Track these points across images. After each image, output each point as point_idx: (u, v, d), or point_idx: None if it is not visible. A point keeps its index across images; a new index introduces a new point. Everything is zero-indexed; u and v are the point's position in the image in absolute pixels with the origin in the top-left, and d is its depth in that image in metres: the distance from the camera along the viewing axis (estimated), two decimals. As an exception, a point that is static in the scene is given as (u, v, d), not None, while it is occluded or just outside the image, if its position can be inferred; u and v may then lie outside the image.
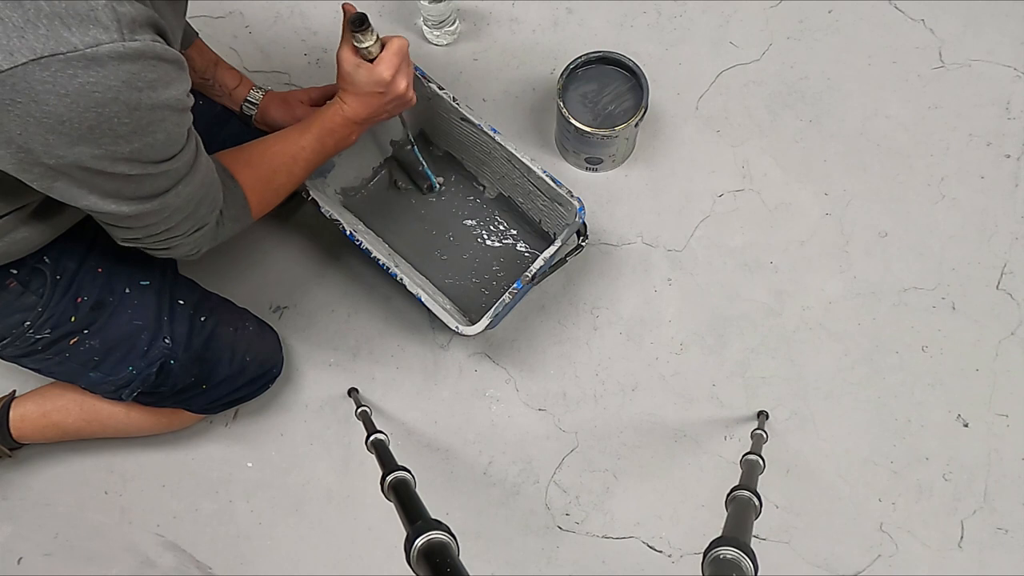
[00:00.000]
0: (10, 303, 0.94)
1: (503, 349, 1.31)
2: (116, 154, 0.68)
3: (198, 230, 0.87)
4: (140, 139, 0.68)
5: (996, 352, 1.29)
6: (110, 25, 0.61)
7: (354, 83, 0.99)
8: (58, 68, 0.60)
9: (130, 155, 0.69)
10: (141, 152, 0.70)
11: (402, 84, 1.00)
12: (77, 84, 0.61)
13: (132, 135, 0.67)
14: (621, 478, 1.27)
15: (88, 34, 0.60)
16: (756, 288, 1.32)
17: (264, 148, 1.00)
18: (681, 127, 1.39)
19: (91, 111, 0.63)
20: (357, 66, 0.98)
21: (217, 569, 1.26)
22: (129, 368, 1.04)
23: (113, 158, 0.68)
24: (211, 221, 0.89)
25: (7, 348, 0.98)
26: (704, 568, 0.68)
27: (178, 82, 0.70)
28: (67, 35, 0.59)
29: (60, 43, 0.59)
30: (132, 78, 0.63)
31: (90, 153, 0.66)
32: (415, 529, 0.67)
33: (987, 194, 1.35)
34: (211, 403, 1.18)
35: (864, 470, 1.25)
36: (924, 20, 1.42)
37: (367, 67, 0.98)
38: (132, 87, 0.64)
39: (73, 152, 0.65)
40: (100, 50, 0.61)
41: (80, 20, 0.60)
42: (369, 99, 1.01)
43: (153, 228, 0.82)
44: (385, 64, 0.98)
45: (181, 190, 0.79)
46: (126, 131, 0.66)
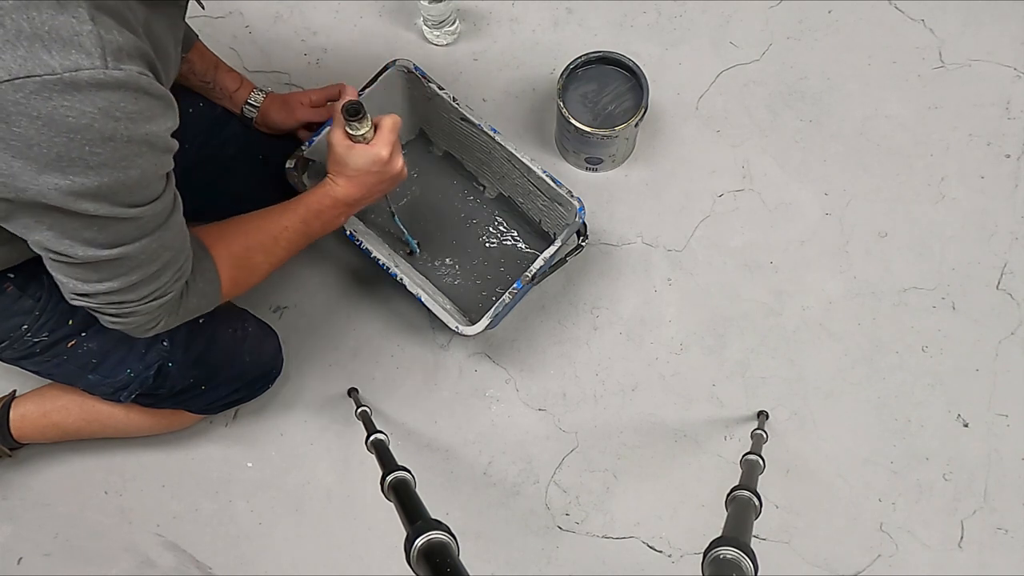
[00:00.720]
0: (7, 307, 0.94)
1: (503, 349, 1.31)
2: (83, 188, 0.63)
3: (156, 299, 0.79)
4: (111, 174, 0.64)
5: (996, 352, 1.29)
6: (93, 51, 0.59)
7: (348, 164, 0.95)
8: (32, 90, 0.57)
9: (98, 191, 0.64)
10: (111, 189, 0.65)
11: (399, 162, 0.98)
12: (50, 107, 0.58)
13: (103, 167, 0.63)
14: (621, 478, 1.27)
15: (69, 58, 0.58)
16: (756, 288, 1.32)
17: (243, 224, 0.95)
18: (681, 127, 1.39)
19: (61, 135, 0.60)
20: (351, 148, 0.94)
21: (217, 569, 1.26)
22: (127, 370, 1.04)
23: (79, 192, 0.64)
24: (174, 291, 0.81)
25: (6, 351, 0.98)
26: (704, 568, 0.68)
27: (161, 119, 0.67)
28: (46, 57, 0.57)
29: (38, 65, 0.57)
30: (110, 106, 0.61)
31: (55, 184, 0.62)
32: (415, 529, 0.67)
33: (987, 194, 1.35)
34: (211, 404, 1.18)
35: (864, 470, 1.25)
36: (924, 20, 1.43)
37: (362, 148, 0.94)
38: (109, 116, 0.61)
39: (38, 181, 0.62)
40: (79, 75, 0.58)
41: (62, 44, 0.58)
42: (364, 179, 0.97)
43: (106, 284, 0.74)
44: (382, 143, 0.95)
45: (146, 245, 0.73)
46: (97, 162, 0.63)
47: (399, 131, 0.97)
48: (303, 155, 1.15)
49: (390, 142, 0.95)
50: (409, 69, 1.18)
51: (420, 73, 1.18)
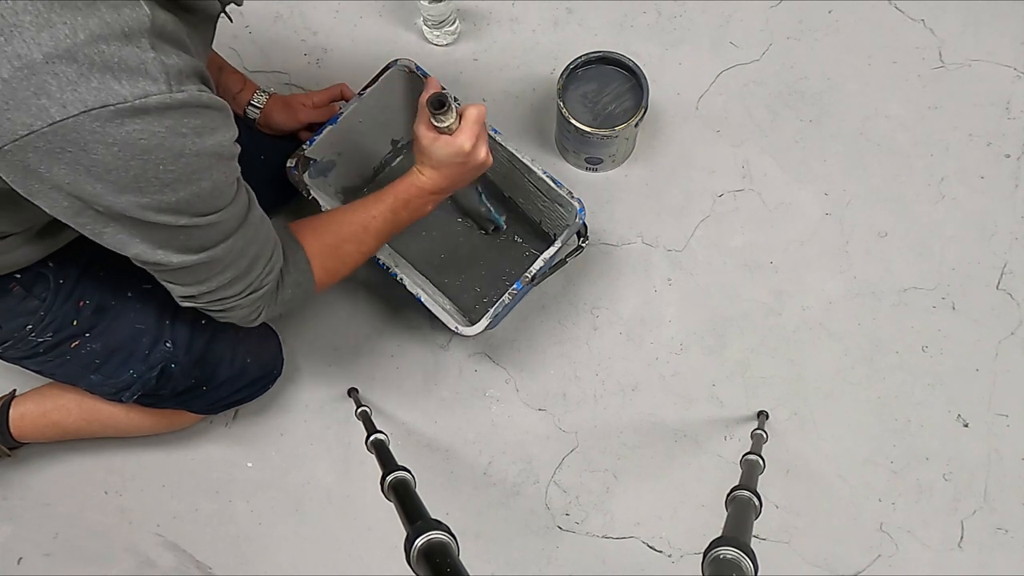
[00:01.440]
0: (13, 307, 0.94)
1: (503, 349, 1.31)
2: (162, 204, 0.68)
3: (254, 292, 0.85)
4: (185, 188, 0.68)
5: (996, 352, 1.29)
6: (159, 77, 0.62)
7: (433, 156, 0.96)
8: (107, 118, 0.61)
9: (176, 205, 0.69)
10: (187, 202, 0.69)
11: (482, 152, 0.98)
12: (124, 133, 0.62)
13: (177, 183, 0.67)
14: (621, 478, 1.27)
15: (138, 86, 0.61)
16: (756, 288, 1.32)
17: (333, 216, 0.99)
18: (681, 127, 1.39)
19: (136, 159, 0.63)
20: (435, 139, 0.95)
21: (217, 569, 1.26)
22: (130, 371, 1.04)
23: (159, 208, 0.68)
24: (269, 284, 0.86)
25: (9, 350, 0.98)
26: (704, 568, 0.68)
27: (223, 128, 0.71)
28: (117, 87, 0.60)
29: (111, 95, 0.60)
30: (176, 124, 0.64)
31: (136, 202, 0.66)
32: (415, 529, 0.67)
33: (987, 194, 1.35)
34: (212, 404, 1.18)
35: (864, 470, 1.25)
36: (924, 20, 1.43)
37: (446, 139, 0.95)
38: (176, 133, 0.65)
39: (120, 201, 0.66)
40: (148, 101, 0.62)
41: (130, 73, 0.61)
42: (449, 170, 0.98)
43: (205, 285, 0.80)
44: (466, 135, 0.95)
45: (232, 244, 0.78)
46: (171, 179, 0.66)
47: (484, 120, 0.98)
48: (304, 154, 1.15)
49: (475, 133, 0.95)
50: (411, 69, 1.18)
51: (421, 73, 1.18)
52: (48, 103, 0.59)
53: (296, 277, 0.92)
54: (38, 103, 0.59)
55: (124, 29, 0.60)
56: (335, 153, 1.22)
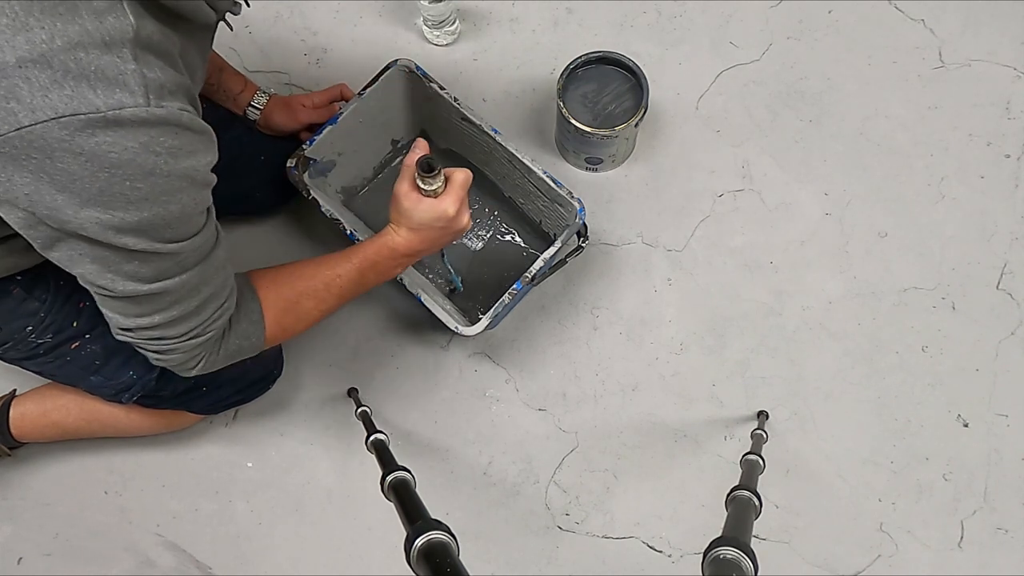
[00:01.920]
0: (13, 309, 0.94)
1: (503, 349, 1.31)
2: (124, 223, 0.65)
3: (196, 336, 0.80)
4: (151, 208, 0.65)
5: (996, 352, 1.29)
6: (136, 90, 0.60)
7: (413, 218, 0.92)
8: (77, 127, 0.59)
9: (138, 226, 0.66)
10: (151, 224, 0.66)
11: (465, 217, 0.94)
12: (93, 143, 0.60)
13: (144, 202, 0.64)
14: (621, 478, 1.27)
15: (113, 97, 0.59)
16: (756, 288, 1.32)
17: (296, 269, 0.95)
18: (681, 127, 1.39)
19: (104, 172, 0.61)
20: (419, 202, 0.90)
21: (217, 569, 1.26)
22: (130, 373, 1.04)
23: (120, 227, 0.65)
24: (214, 331, 0.82)
25: (9, 351, 0.98)
26: (704, 568, 0.68)
27: (201, 153, 0.68)
28: (91, 96, 0.59)
29: (83, 104, 0.58)
30: (150, 141, 0.62)
31: (97, 218, 0.64)
32: (415, 529, 0.67)
33: (987, 194, 1.35)
34: (212, 405, 1.18)
35: (864, 470, 1.25)
36: (924, 20, 1.43)
37: (430, 202, 0.90)
38: (150, 151, 0.62)
39: (80, 216, 0.63)
40: (123, 113, 0.60)
41: (107, 83, 0.59)
42: (428, 233, 0.93)
43: (147, 319, 0.76)
44: (451, 199, 0.91)
45: (186, 279, 0.74)
46: (138, 197, 0.64)
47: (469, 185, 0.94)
48: (304, 154, 1.15)
49: (459, 198, 0.91)
50: (411, 69, 1.18)
51: (421, 73, 1.18)
52: (17, 107, 0.57)
53: (245, 328, 0.87)
54: (6, 107, 0.57)
55: (105, 38, 0.59)
56: (335, 153, 1.22)
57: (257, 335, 0.89)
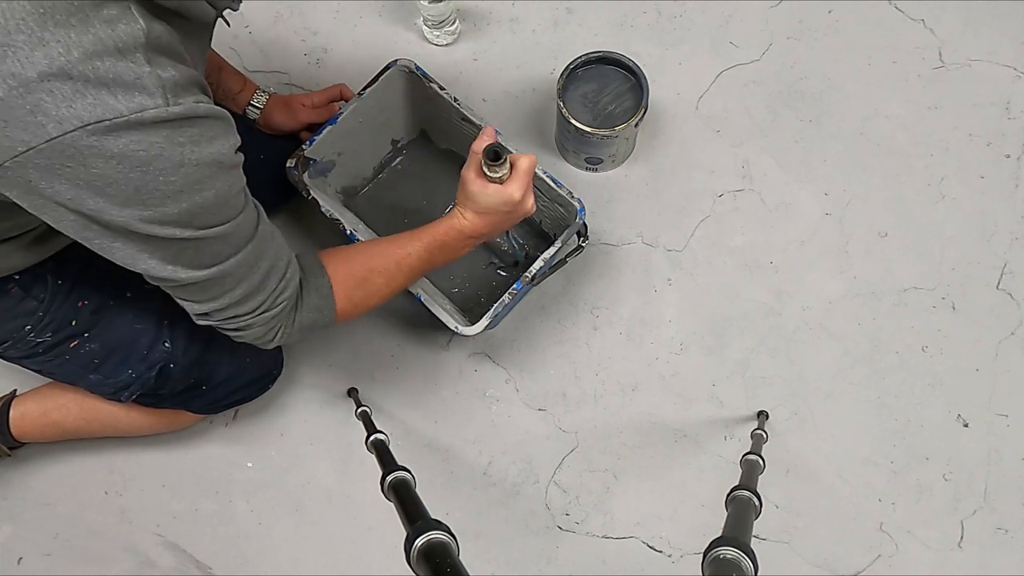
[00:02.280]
0: (11, 308, 0.94)
1: (503, 349, 1.31)
2: (165, 216, 0.68)
3: (268, 310, 0.84)
4: (188, 199, 0.68)
5: (996, 352, 1.29)
6: (155, 92, 0.62)
7: (480, 202, 0.94)
8: (103, 132, 0.61)
9: (179, 217, 0.68)
10: (191, 214, 0.69)
11: (529, 202, 0.96)
12: (121, 145, 0.62)
13: (180, 194, 0.67)
14: (621, 478, 1.26)
15: (133, 100, 0.61)
16: (756, 288, 1.32)
17: (367, 247, 0.98)
18: (681, 127, 1.39)
19: (136, 171, 0.63)
20: (484, 187, 0.92)
21: (217, 569, 1.26)
22: (129, 371, 1.04)
23: (162, 221, 0.68)
24: (283, 303, 0.85)
25: (8, 350, 0.99)
26: (704, 568, 0.68)
27: (222, 137, 0.70)
28: (113, 102, 0.61)
29: (106, 110, 0.60)
30: (173, 134, 0.64)
31: (139, 215, 0.66)
32: (415, 529, 0.67)
33: (987, 194, 1.35)
34: (211, 404, 1.18)
35: (864, 470, 1.25)
36: (924, 20, 1.43)
37: (496, 188, 0.92)
38: (173, 143, 0.65)
39: (122, 215, 0.66)
40: (145, 115, 0.62)
41: (126, 88, 0.61)
42: (494, 217, 0.96)
43: (217, 302, 0.80)
44: (516, 184, 0.92)
45: (242, 258, 0.77)
46: (173, 190, 0.66)
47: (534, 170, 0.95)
48: (304, 154, 1.15)
49: (525, 184, 0.93)
50: (411, 69, 1.18)
51: (421, 73, 1.18)
52: (44, 120, 0.59)
53: (316, 301, 0.90)
54: (34, 121, 0.59)
55: (118, 45, 0.60)
56: (335, 153, 1.22)
57: (328, 308, 0.92)
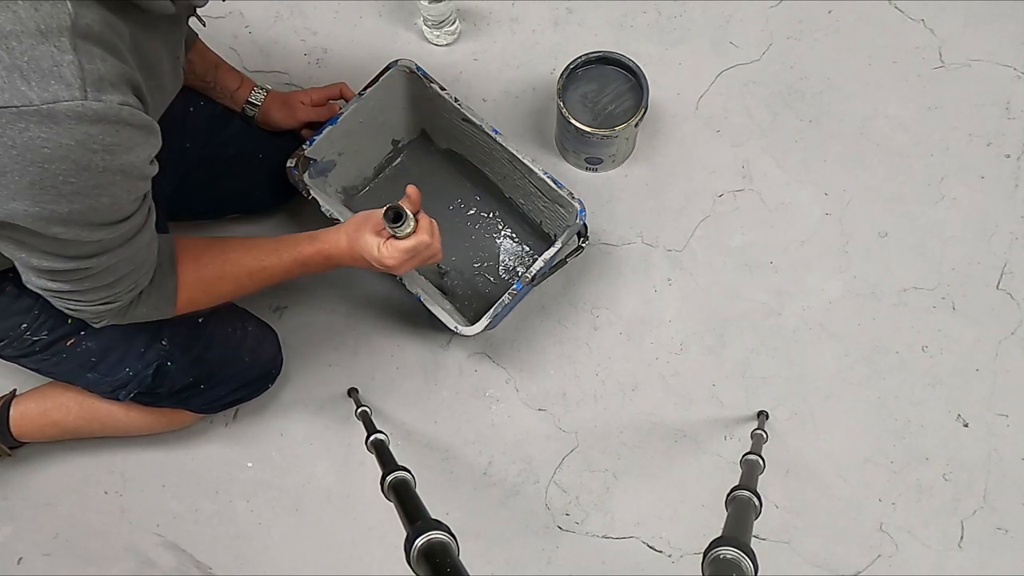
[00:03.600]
0: (7, 306, 0.94)
1: (503, 349, 1.31)
2: (53, 214, 0.64)
3: (106, 303, 0.81)
4: (82, 201, 0.64)
5: (996, 352, 1.29)
6: (73, 83, 0.58)
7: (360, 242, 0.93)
8: (8, 120, 0.57)
9: (68, 216, 0.65)
10: (81, 214, 0.66)
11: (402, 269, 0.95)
12: (26, 138, 0.58)
13: (75, 195, 0.63)
14: (621, 478, 1.26)
15: (48, 90, 0.58)
16: (756, 288, 1.32)
17: (223, 251, 0.94)
18: (681, 127, 1.39)
19: (36, 165, 0.60)
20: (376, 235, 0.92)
21: (217, 569, 1.26)
22: (126, 369, 1.04)
23: (49, 219, 0.64)
24: (124, 300, 0.83)
25: (5, 349, 0.99)
26: (704, 568, 0.68)
27: (141, 148, 0.67)
28: (24, 89, 0.57)
29: (15, 96, 0.57)
30: (88, 139, 0.60)
31: (25, 210, 0.63)
32: (415, 529, 0.67)
33: (987, 194, 1.35)
34: (210, 403, 1.18)
35: (864, 470, 1.25)
36: (924, 20, 1.43)
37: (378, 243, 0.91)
38: (86, 148, 0.61)
39: (8, 206, 0.62)
40: (57, 107, 0.58)
41: (41, 75, 0.57)
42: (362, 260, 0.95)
43: (58, 284, 0.76)
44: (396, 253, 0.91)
45: (105, 259, 0.74)
46: (69, 191, 0.63)
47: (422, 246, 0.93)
48: (304, 154, 1.15)
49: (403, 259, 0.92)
50: (411, 69, 1.18)
51: (422, 73, 1.18)
52: None
53: (156, 301, 0.87)
54: None
55: (41, 26, 0.57)
56: (335, 153, 1.22)
57: (167, 309, 0.90)
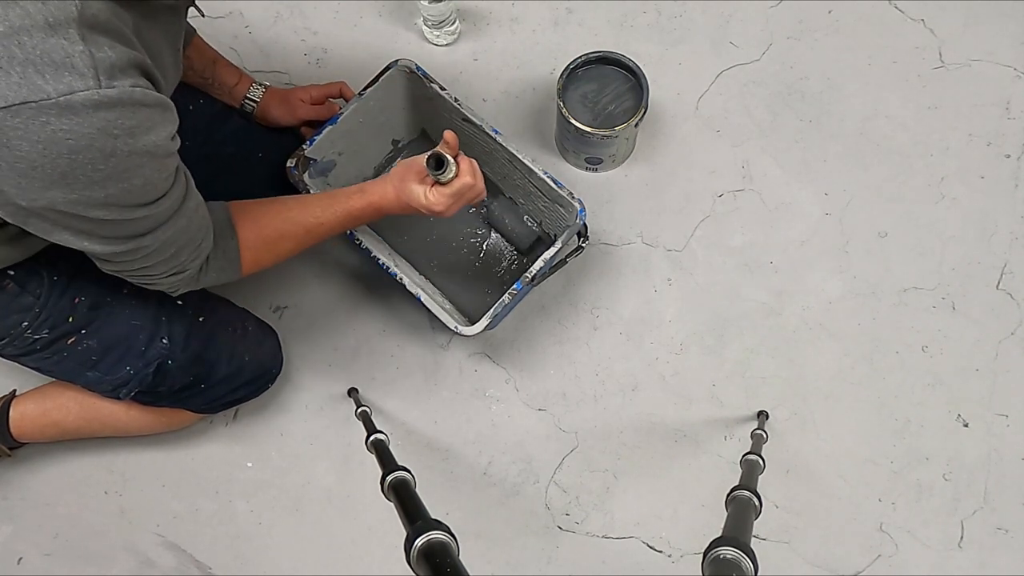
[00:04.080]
0: (7, 304, 0.94)
1: (503, 349, 1.31)
2: (91, 199, 0.66)
3: (176, 274, 0.85)
4: (115, 185, 0.66)
5: (996, 352, 1.29)
6: (86, 72, 0.59)
7: (406, 191, 0.96)
8: (30, 115, 0.58)
9: (105, 200, 0.67)
10: (117, 197, 0.68)
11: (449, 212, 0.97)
12: (49, 131, 0.59)
13: (107, 181, 0.65)
14: (621, 478, 1.26)
15: (62, 82, 0.59)
16: (756, 288, 1.32)
17: (279, 210, 0.97)
18: (681, 127, 1.39)
19: (63, 157, 0.61)
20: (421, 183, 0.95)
21: (217, 569, 1.26)
22: (127, 368, 1.04)
23: (88, 203, 0.66)
24: (192, 268, 0.86)
25: (6, 347, 0.98)
26: (704, 568, 0.68)
27: (160, 126, 0.68)
28: (40, 83, 0.58)
29: (33, 91, 0.58)
30: (108, 125, 0.62)
31: (63, 197, 0.65)
32: (415, 529, 0.67)
33: (987, 194, 1.35)
34: (210, 403, 1.17)
35: (864, 470, 1.25)
36: (924, 20, 1.43)
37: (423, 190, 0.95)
38: (107, 134, 0.62)
39: (46, 196, 0.64)
40: (74, 98, 0.59)
41: (55, 67, 0.58)
42: (410, 208, 0.98)
43: (128, 265, 0.81)
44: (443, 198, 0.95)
45: (159, 234, 0.77)
46: (100, 177, 0.64)
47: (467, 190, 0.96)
48: (304, 154, 1.15)
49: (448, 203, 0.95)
50: (411, 69, 1.18)
51: (422, 73, 1.18)
52: None
53: (222, 264, 0.91)
54: None
55: (49, 19, 0.57)
56: (335, 153, 1.22)
57: (234, 270, 0.93)
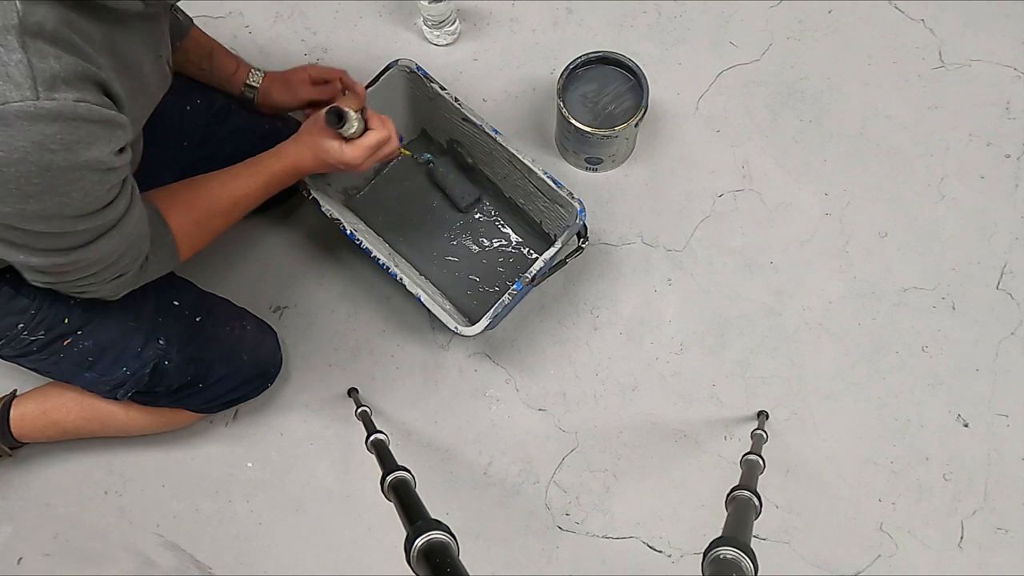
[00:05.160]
0: (2, 306, 0.93)
1: (503, 349, 1.31)
2: (25, 212, 0.63)
3: (117, 277, 0.84)
4: (52, 198, 0.63)
5: (996, 352, 1.29)
6: (23, 83, 0.57)
7: (321, 148, 0.99)
8: None
9: (41, 213, 0.64)
10: (54, 210, 0.65)
11: (365, 166, 1.01)
12: None
13: (43, 195, 0.63)
14: (621, 478, 1.26)
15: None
16: (756, 288, 1.32)
17: (206, 189, 0.97)
18: (681, 127, 1.39)
19: None
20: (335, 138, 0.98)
21: (217, 569, 1.26)
22: (123, 368, 1.04)
23: (22, 216, 0.64)
24: (133, 268, 0.85)
25: (3, 349, 0.98)
26: (704, 568, 0.68)
27: (103, 142, 0.65)
28: None
29: None
30: (44, 139, 0.59)
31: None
32: (415, 529, 0.67)
33: (987, 194, 1.35)
34: (208, 402, 1.17)
35: (864, 470, 1.25)
36: (924, 20, 1.43)
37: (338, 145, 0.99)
38: (44, 148, 0.59)
39: None
40: (7, 108, 0.57)
41: None
42: (327, 165, 1.02)
43: (67, 276, 0.78)
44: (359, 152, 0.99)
45: (101, 245, 0.74)
46: (36, 191, 0.62)
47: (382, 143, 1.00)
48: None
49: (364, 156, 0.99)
50: (411, 69, 1.18)
51: (422, 73, 1.18)
52: None
53: (161, 258, 0.91)
54: None
55: None
56: (335, 153, 1.22)
57: (172, 260, 0.94)
